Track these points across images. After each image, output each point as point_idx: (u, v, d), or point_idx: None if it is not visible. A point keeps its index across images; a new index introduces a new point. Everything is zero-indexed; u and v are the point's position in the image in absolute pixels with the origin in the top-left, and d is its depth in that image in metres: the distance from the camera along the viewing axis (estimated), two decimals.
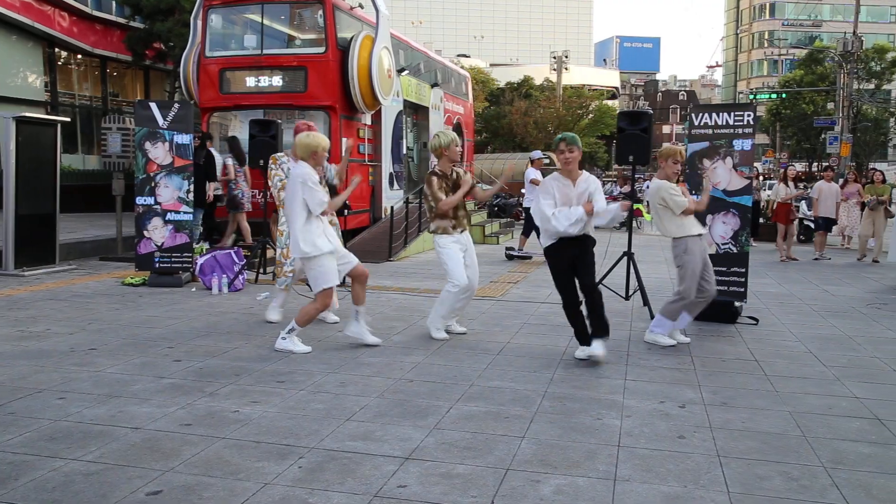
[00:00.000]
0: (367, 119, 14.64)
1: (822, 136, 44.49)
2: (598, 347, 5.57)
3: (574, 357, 5.78)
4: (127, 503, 3.16)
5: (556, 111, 45.08)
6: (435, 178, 6.30)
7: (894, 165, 55.61)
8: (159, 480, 3.37)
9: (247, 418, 4.23)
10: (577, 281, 5.65)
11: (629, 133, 8.31)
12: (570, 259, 5.63)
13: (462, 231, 6.37)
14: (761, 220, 17.52)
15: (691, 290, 6.16)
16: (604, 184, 27.80)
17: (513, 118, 44.04)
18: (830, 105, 42.36)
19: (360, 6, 14.98)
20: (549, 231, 5.64)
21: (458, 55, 61.21)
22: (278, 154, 7.41)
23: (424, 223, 14.47)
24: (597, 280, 5.69)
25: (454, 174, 6.40)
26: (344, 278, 6.23)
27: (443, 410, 4.45)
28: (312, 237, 5.68)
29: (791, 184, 14.41)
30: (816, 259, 13.89)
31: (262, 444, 3.83)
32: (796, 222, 14.60)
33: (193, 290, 8.87)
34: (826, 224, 14.47)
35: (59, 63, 19.66)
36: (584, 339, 5.73)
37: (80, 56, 20.04)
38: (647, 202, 12.37)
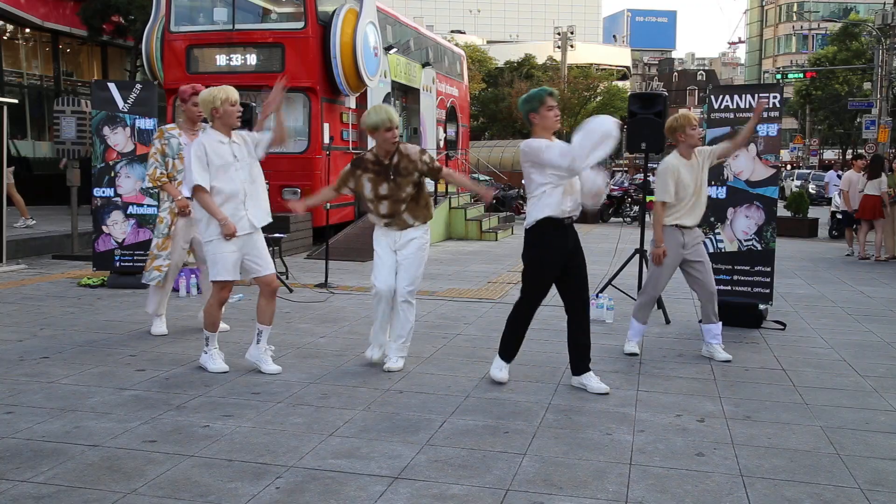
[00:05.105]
0: (351, 102, 14.64)
1: (858, 120, 44.61)
2: (598, 382, 5.23)
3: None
4: None
5: (560, 93, 45.14)
6: (347, 168, 5.71)
7: None
8: None
9: (218, 434, 4.23)
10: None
11: (641, 117, 8.32)
12: (563, 259, 5.12)
13: (401, 229, 5.66)
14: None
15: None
16: (612, 174, 27.87)
17: (512, 101, 44.04)
18: (867, 85, 42.43)
19: None
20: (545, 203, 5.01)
21: (452, 31, 61.32)
22: (167, 126, 6.68)
23: None
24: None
25: (393, 158, 5.57)
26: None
27: (435, 425, 4.46)
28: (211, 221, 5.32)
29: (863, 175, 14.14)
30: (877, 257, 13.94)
31: (235, 463, 3.84)
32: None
33: None
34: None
35: (5, 38, 19.58)
36: (509, 355, 5.43)
37: (28, 30, 19.97)
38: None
